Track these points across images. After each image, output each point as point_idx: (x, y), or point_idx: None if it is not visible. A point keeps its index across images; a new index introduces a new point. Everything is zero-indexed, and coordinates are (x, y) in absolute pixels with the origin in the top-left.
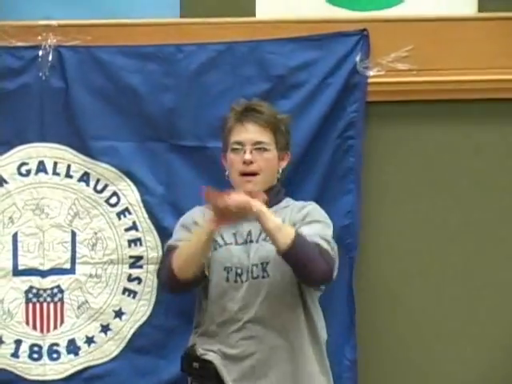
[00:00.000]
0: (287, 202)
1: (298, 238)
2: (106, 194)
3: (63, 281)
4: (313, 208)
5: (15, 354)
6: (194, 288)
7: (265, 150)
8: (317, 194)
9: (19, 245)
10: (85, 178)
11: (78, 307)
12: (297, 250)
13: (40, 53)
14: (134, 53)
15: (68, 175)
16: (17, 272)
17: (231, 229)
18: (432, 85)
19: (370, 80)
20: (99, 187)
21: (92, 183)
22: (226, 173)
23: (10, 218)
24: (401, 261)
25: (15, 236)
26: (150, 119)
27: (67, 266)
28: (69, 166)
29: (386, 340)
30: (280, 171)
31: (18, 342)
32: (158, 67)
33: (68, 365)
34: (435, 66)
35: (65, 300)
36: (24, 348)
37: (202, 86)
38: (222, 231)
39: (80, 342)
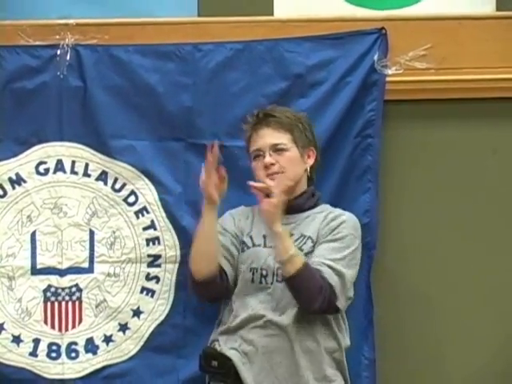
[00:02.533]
0: (322, 208)
1: (303, 272)
2: (124, 192)
3: (81, 280)
4: (342, 220)
5: (33, 353)
6: (219, 292)
7: (284, 150)
8: (335, 193)
9: (37, 244)
10: (103, 176)
11: (97, 306)
12: (297, 282)
13: (58, 52)
14: (152, 52)
15: (86, 174)
16: (35, 271)
17: (262, 231)
18: (450, 83)
19: (388, 79)
20: (117, 186)
21: (110, 182)
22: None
23: (29, 216)
24: (419, 259)
25: (33, 235)
26: (168, 118)
27: (85, 264)
28: (87, 165)
29: (405, 339)
30: (308, 169)
31: (37, 341)
32: (176, 66)
33: (86, 364)
34: (453, 64)
35: (83, 299)
36: (42, 347)
37: (219, 85)
38: (252, 233)
39: (98, 341)
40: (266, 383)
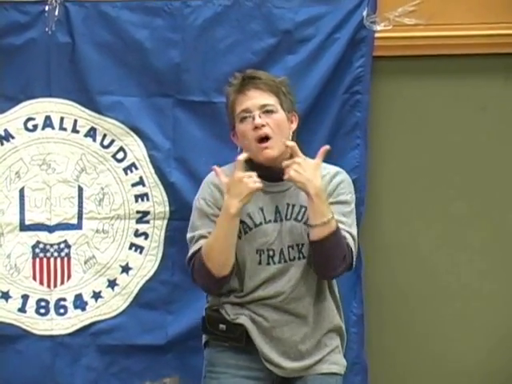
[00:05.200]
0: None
1: (336, 236)
2: (113, 149)
3: (70, 236)
4: (340, 180)
5: (22, 309)
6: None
7: (272, 111)
8: None
9: (26, 200)
10: (91, 133)
11: (85, 262)
12: (327, 246)
13: (46, 8)
14: (141, 8)
15: (75, 130)
16: (24, 227)
17: (258, 204)
18: (439, 39)
19: (376, 35)
20: (106, 142)
21: (99, 138)
22: (238, 150)
23: (17, 173)
24: (407, 215)
25: (22, 191)
26: (156, 74)
27: (74, 221)
28: (75, 121)
29: (393, 295)
30: (291, 133)
31: (25, 297)
32: (165, 22)
33: (75, 319)
34: (442, 20)
35: (72, 255)
36: (31, 303)
37: (208, 41)
38: (249, 210)
39: (87, 297)
40: (276, 353)
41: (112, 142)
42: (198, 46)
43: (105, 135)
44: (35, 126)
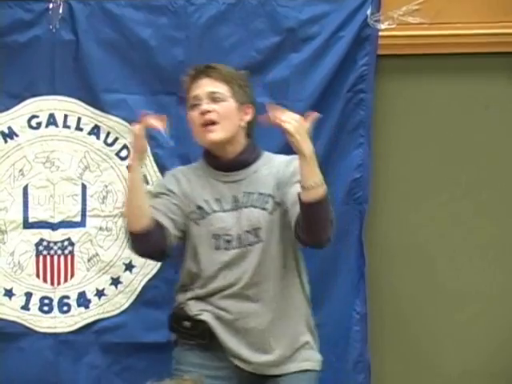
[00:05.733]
0: (265, 158)
1: (325, 200)
2: (117, 146)
3: (74, 234)
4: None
5: (26, 307)
6: (157, 248)
7: (220, 99)
8: (327, 148)
9: (30, 197)
10: (95, 130)
11: (89, 260)
12: (322, 205)
13: (50, 5)
14: (145, 6)
15: (78, 128)
16: (27, 225)
17: (214, 194)
18: (443, 38)
19: (380, 33)
20: (109, 140)
21: (102, 136)
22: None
23: (21, 170)
24: (411, 214)
25: (26, 189)
26: (160, 72)
27: (77, 218)
28: (79, 119)
29: (397, 293)
30: (245, 125)
31: (29, 295)
32: (169, 20)
33: (78, 317)
34: (446, 19)
35: (75, 253)
36: (34, 300)
37: (212, 40)
38: (206, 197)
39: (90, 295)
40: (243, 346)
41: (116, 139)
42: (202, 44)
43: (108, 133)
44: (39, 124)
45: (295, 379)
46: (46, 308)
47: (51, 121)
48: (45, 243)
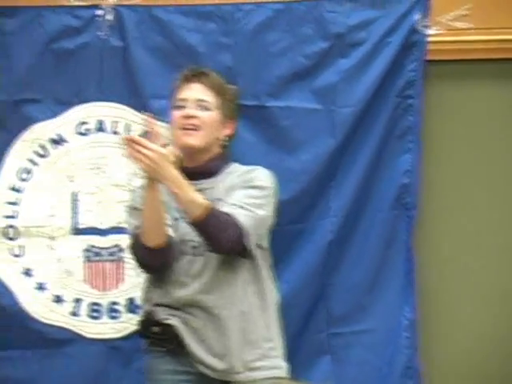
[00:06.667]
0: (234, 167)
1: (208, 213)
2: None
3: (123, 240)
4: (257, 173)
5: (75, 313)
6: (167, 261)
7: (206, 108)
8: (375, 153)
9: (79, 204)
10: (144, 137)
11: None
12: (204, 222)
13: (99, 12)
14: (193, 12)
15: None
16: (76, 231)
17: (176, 203)
18: (491, 43)
19: (429, 39)
20: None
21: None
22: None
23: (70, 177)
24: (461, 220)
25: (75, 195)
26: None
27: (126, 225)
28: (127, 126)
29: (446, 300)
30: (224, 138)
31: (78, 301)
32: (217, 26)
33: (127, 323)
34: (494, 24)
35: (124, 259)
36: (84, 306)
37: (260, 45)
38: (174, 204)
39: (139, 301)
40: (205, 353)
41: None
42: (250, 50)
43: None
44: (88, 130)
45: None
46: (95, 314)
47: (100, 127)
48: (94, 249)
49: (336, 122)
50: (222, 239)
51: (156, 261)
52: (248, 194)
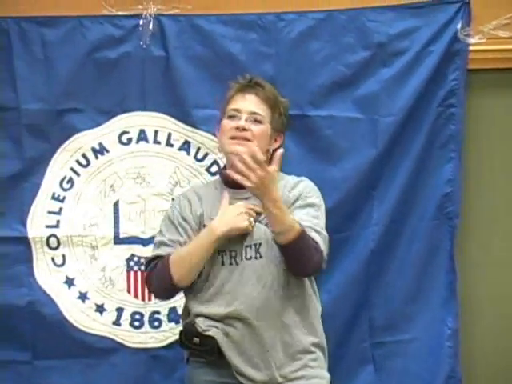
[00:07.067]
0: (279, 176)
1: (302, 238)
2: (207, 162)
3: None
4: (305, 186)
5: (117, 322)
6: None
7: (259, 122)
8: (417, 162)
9: (120, 213)
10: (185, 146)
11: None
12: (297, 245)
13: (141, 22)
14: (234, 21)
15: (169, 144)
16: (118, 240)
17: (215, 209)
18: None
19: (471, 48)
20: (200, 156)
21: (193, 152)
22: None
23: (112, 186)
24: (503, 229)
25: (116, 204)
26: None
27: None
28: (169, 135)
29: (487, 309)
30: (271, 151)
31: (120, 310)
32: (258, 35)
33: (169, 333)
34: None
35: None
36: (125, 316)
37: (302, 55)
38: (211, 215)
39: (180, 310)
40: (246, 364)
41: (206, 155)
42: (292, 60)
43: (199, 148)
44: (129, 140)
45: None
46: (136, 323)
47: (142, 136)
48: (136, 259)
49: (378, 131)
50: (308, 264)
51: (170, 294)
52: (311, 215)
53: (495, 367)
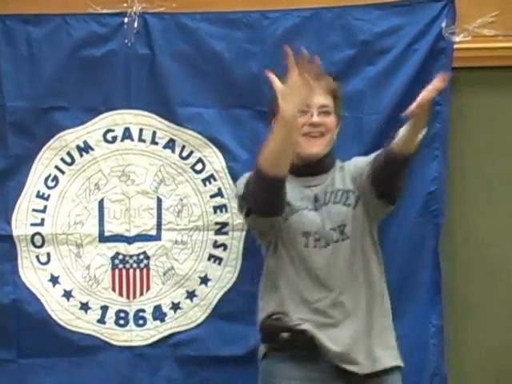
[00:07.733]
0: (340, 162)
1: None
2: (192, 160)
3: (149, 247)
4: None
5: (102, 320)
6: (280, 203)
7: (329, 113)
8: None
9: (105, 211)
10: (170, 144)
11: (164, 273)
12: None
13: (125, 20)
14: (219, 19)
15: (154, 142)
16: (103, 238)
17: (297, 194)
18: None
19: (456, 46)
20: (184, 154)
21: (177, 150)
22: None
23: (96, 184)
24: (488, 226)
25: (101, 202)
26: (235, 86)
27: (153, 232)
28: (154, 133)
29: (474, 306)
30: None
31: (105, 308)
32: (243, 34)
33: (154, 331)
34: None
35: (151, 266)
36: (110, 314)
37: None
38: (288, 199)
39: (166, 309)
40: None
41: (191, 153)
42: (277, 58)
43: (183, 146)
44: (114, 138)
45: (396, 378)
46: (121, 321)
47: (127, 135)
48: (120, 257)
49: (363, 129)
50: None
51: (273, 194)
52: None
53: (484, 365)
